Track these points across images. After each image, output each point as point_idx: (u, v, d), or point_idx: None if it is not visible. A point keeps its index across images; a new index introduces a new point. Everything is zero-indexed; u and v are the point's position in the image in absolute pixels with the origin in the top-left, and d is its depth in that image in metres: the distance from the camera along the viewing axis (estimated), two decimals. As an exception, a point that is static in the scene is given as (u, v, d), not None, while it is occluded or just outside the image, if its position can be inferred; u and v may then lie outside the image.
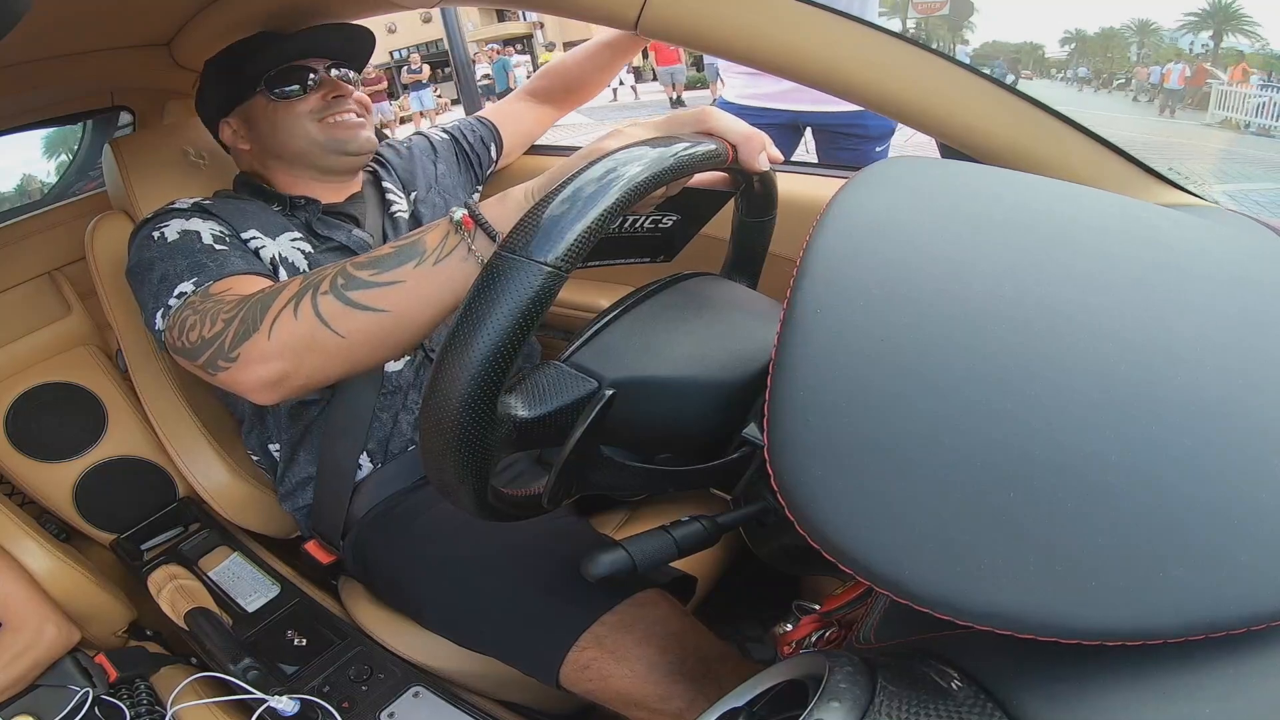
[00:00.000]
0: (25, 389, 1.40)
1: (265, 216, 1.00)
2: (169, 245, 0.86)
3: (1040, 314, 0.36)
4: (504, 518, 0.49)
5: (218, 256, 0.84)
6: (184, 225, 0.89)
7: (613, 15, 0.72)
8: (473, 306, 0.39)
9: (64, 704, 0.95)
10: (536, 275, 0.39)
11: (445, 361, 0.40)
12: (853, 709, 0.33)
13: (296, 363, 0.65)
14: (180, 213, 0.92)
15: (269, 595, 1.11)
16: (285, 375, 0.66)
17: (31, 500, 1.39)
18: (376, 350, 0.64)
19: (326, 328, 0.62)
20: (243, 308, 0.69)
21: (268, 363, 0.66)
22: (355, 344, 0.63)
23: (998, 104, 0.68)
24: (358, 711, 0.87)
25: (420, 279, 0.60)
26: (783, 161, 0.58)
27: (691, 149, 0.48)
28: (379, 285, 0.61)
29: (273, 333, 0.65)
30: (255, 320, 0.66)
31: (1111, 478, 0.31)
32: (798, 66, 0.69)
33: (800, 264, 0.39)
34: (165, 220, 0.90)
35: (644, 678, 0.73)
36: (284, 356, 0.65)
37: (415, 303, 0.61)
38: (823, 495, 0.33)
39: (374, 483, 1.01)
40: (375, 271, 0.62)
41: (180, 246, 0.85)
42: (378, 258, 0.62)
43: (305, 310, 0.63)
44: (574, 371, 0.47)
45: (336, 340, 0.63)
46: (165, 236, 0.87)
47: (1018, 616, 0.30)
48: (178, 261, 0.83)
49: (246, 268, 0.84)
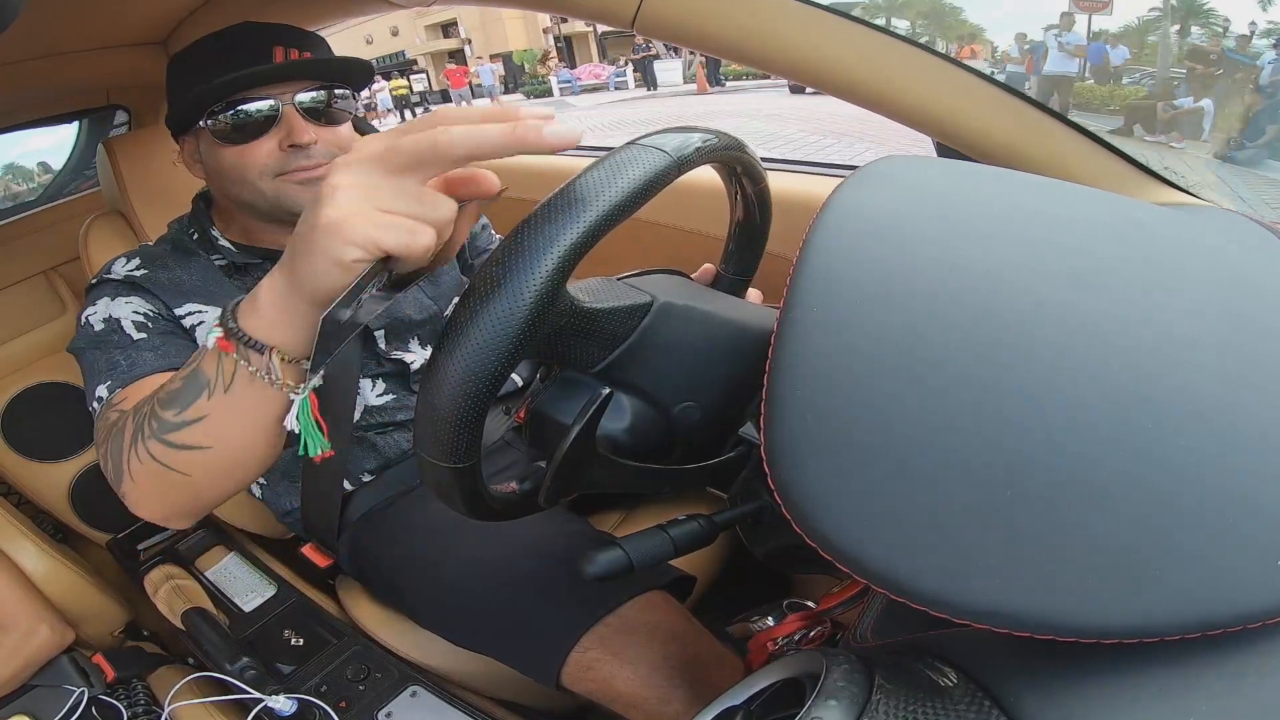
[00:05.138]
0: (21, 389, 1.39)
1: (208, 280, 0.91)
2: (94, 335, 0.81)
3: (1036, 314, 0.36)
4: (499, 517, 0.49)
5: (131, 353, 0.79)
6: (109, 308, 0.83)
7: (610, 13, 0.72)
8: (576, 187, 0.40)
9: (61, 704, 0.95)
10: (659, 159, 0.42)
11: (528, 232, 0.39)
12: (850, 707, 0.33)
13: (168, 501, 0.61)
14: (110, 286, 0.86)
15: (266, 595, 1.11)
16: (170, 512, 0.62)
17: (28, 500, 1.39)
18: (230, 479, 0.59)
19: (170, 470, 0.57)
20: (109, 442, 0.64)
21: (144, 504, 0.62)
22: (206, 478, 0.58)
23: (994, 103, 0.68)
24: (355, 711, 0.87)
25: (221, 410, 0.53)
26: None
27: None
28: (187, 424, 0.55)
29: (134, 477, 0.60)
30: (118, 464, 0.62)
31: (1108, 476, 0.31)
32: (794, 65, 0.69)
33: (797, 263, 0.39)
34: (97, 298, 0.85)
35: (646, 679, 0.73)
36: (153, 498, 0.61)
37: (233, 432, 0.55)
38: (819, 494, 0.33)
39: (369, 489, 1.00)
40: (177, 410, 0.55)
41: (101, 338, 0.81)
42: (173, 393, 0.56)
43: (145, 456, 0.58)
44: (629, 285, 0.50)
45: (186, 478, 0.58)
46: (91, 324, 0.82)
47: (1014, 614, 0.30)
48: (99, 358, 0.79)
49: (156, 365, 0.78)
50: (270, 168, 0.86)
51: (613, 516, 1.09)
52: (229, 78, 0.82)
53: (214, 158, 0.88)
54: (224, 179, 0.89)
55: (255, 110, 0.84)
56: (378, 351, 0.98)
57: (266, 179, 0.86)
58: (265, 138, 0.85)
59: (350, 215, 0.40)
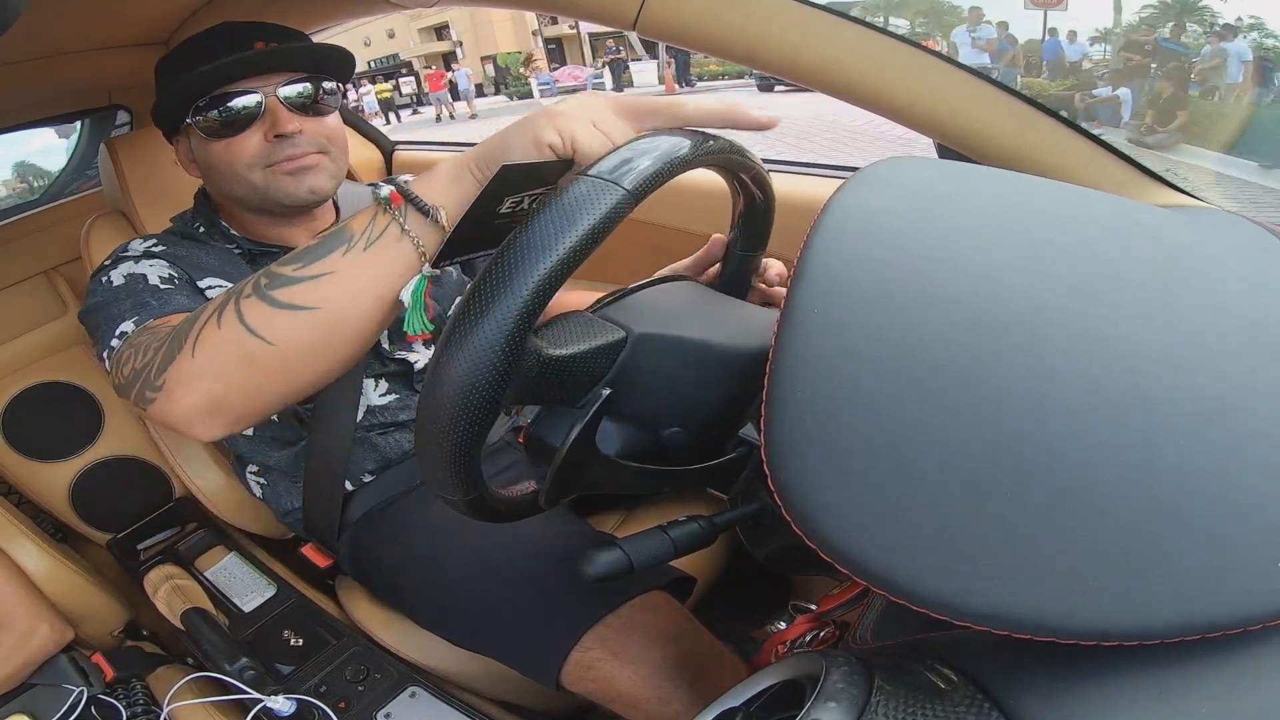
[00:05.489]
0: (21, 388, 1.39)
1: (226, 263, 0.92)
2: (114, 289, 0.80)
3: (1037, 316, 0.36)
4: (500, 518, 0.49)
5: (162, 295, 0.79)
6: (131, 269, 0.83)
7: (612, 15, 0.72)
8: (534, 228, 0.39)
9: (60, 703, 0.95)
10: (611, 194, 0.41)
11: (481, 290, 0.39)
12: (849, 709, 0.33)
13: (226, 382, 0.57)
14: (130, 257, 0.86)
15: (265, 595, 1.11)
16: (218, 401, 0.58)
17: (28, 500, 1.38)
18: (314, 359, 0.57)
19: (254, 335, 0.55)
20: (168, 337, 0.62)
21: (195, 384, 0.57)
22: (288, 352, 0.56)
23: (996, 105, 0.68)
24: (354, 711, 0.87)
25: (351, 267, 0.54)
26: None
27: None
28: (306, 280, 0.55)
29: (196, 349, 0.57)
30: (180, 340, 0.59)
31: (1108, 479, 0.31)
32: (796, 67, 0.69)
33: (798, 264, 0.39)
34: (114, 265, 0.85)
35: (647, 679, 0.73)
36: (212, 376, 0.57)
37: (349, 295, 0.55)
38: (819, 495, 0.33)
39: (369, 489, 1.00)
40: (300, 265, 0.55)
41: (125, 289, 0.80)
42: (302, 251, 0.56)
43: (229, 319, 0.56)
44: (603, 321, 0.49)
45: (267, 350, 0.55)
46: (111, 281, 0.81)
47: (1015, 616, 0.30)
48: (122, 303, 0.78)
49: (191, 305, 0.77)
50: (258, 159, 0.87)
51: (613, 517, 1.09)
52: (209, 67, 0.83)
53: (204, 154, 0.89)
54: (216, 174, 0.90)
55: (240, 105, 0.85)
56: (381, 351, 0.98)
57: (256, 171, 0.87)
58: (251, 130, 0.86)
59: (570, 112, 0.52)
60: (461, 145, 1.75)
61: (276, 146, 0.86)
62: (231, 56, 0.84)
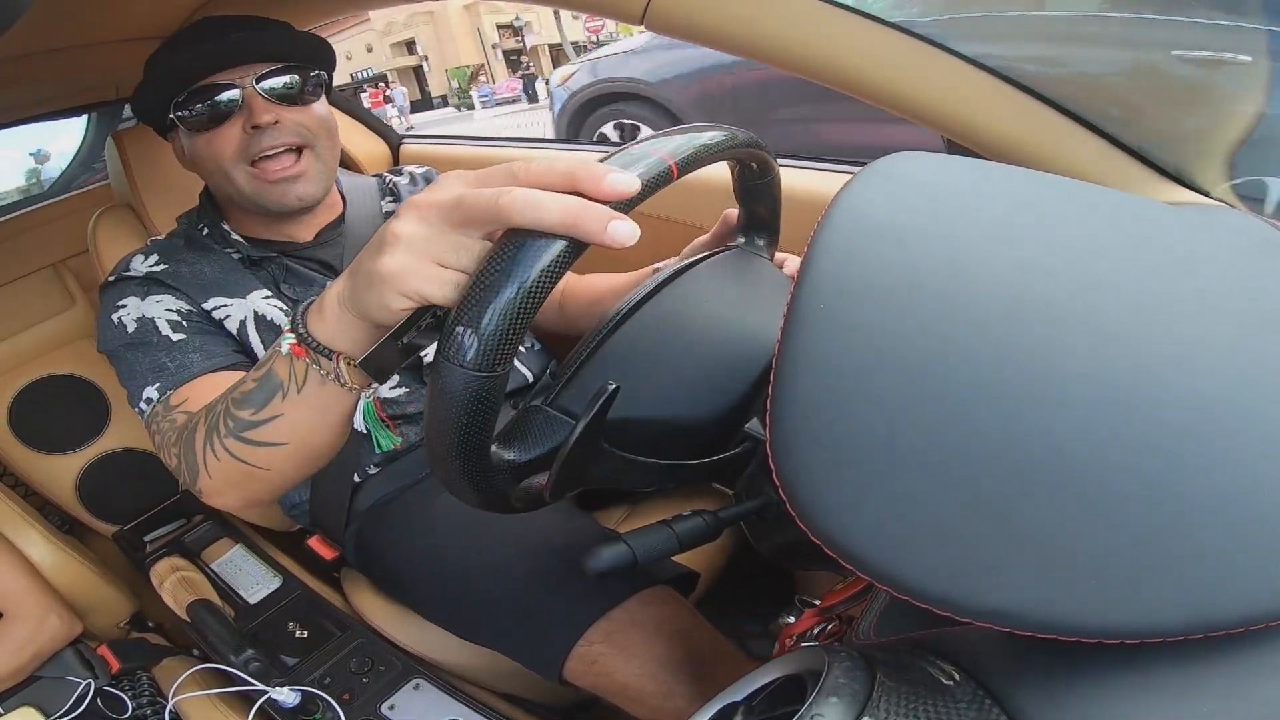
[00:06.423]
0: (29, 381, 1.40)
1: (229, 272, 0.92)
2: (129, 337, 0.83)
3: (1045, 313, 0.36)
4: (508, 510, 0.49)
5: (175, 354, 0.81)
6: (140, 308, 0.84)
7: (619, 9, 0.72)
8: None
9: (67, 695, 0.96)
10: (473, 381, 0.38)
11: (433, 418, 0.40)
12: (851, 704, 0.33)
13: (246, 490, 0.64)
14: (135, 284, 0.87)
15: (271, 587, 1.12)
16: (247, 499, 0.66)
17: (35, 492, 1.39)
18: (305, 466, 0.62)
19: (246, 464, 0.61)
20: (182, 442, 0.67)
21: (222, 497, 0.66)
22: (282, 469, 0.61)
23: (1005, 100, 0.68)
24: (359, 703, 0.87)
25: (294, 409, 0.56)
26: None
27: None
28: (262, 423, 0.58)
29: (211, 473, 0.64)
30: (193, 463, 0.65)
31: (1112, 476, 0.31)
32: (804, 62, 0.69)
33: (804, 260, 0.39)
34: (122, 296, 0.86)
35: (651, 674, 0.74)
36: (231, 491, 0.65)
37: (306, 427, 0.58)
38: (824, 491, 0.33)
39: (377, 480, 1.01)
40: (253, 410, 0.58)
41: (139, 340, 0.82)
42: (247, 394, 0.59)
43: (223, 453, 0.62)
44: (559, 415, 0.48)
45: (264, 471, 0.61)
46: (124, 325, 0.83)
47: (1017, 613, 0.30)
48: (140, 359, 0.81)
49: (205, 365, 0.80)
50: (240, 153, 0.87)
51: (617, 512, 1.09)
52: (183, 58, 0.83)
53: (191, 149, 0.90)
54: (204, 170, 0.91)
55: (216, 98, 0.85)
56: None
57: (240, 167, 0.88)
58: (230, 123, 0.86)
59: (405, 268, 0.41)
60: (466, 138, 1.75)
61: (254, 138, 0.86)
62: (203, 45, 0.84)
